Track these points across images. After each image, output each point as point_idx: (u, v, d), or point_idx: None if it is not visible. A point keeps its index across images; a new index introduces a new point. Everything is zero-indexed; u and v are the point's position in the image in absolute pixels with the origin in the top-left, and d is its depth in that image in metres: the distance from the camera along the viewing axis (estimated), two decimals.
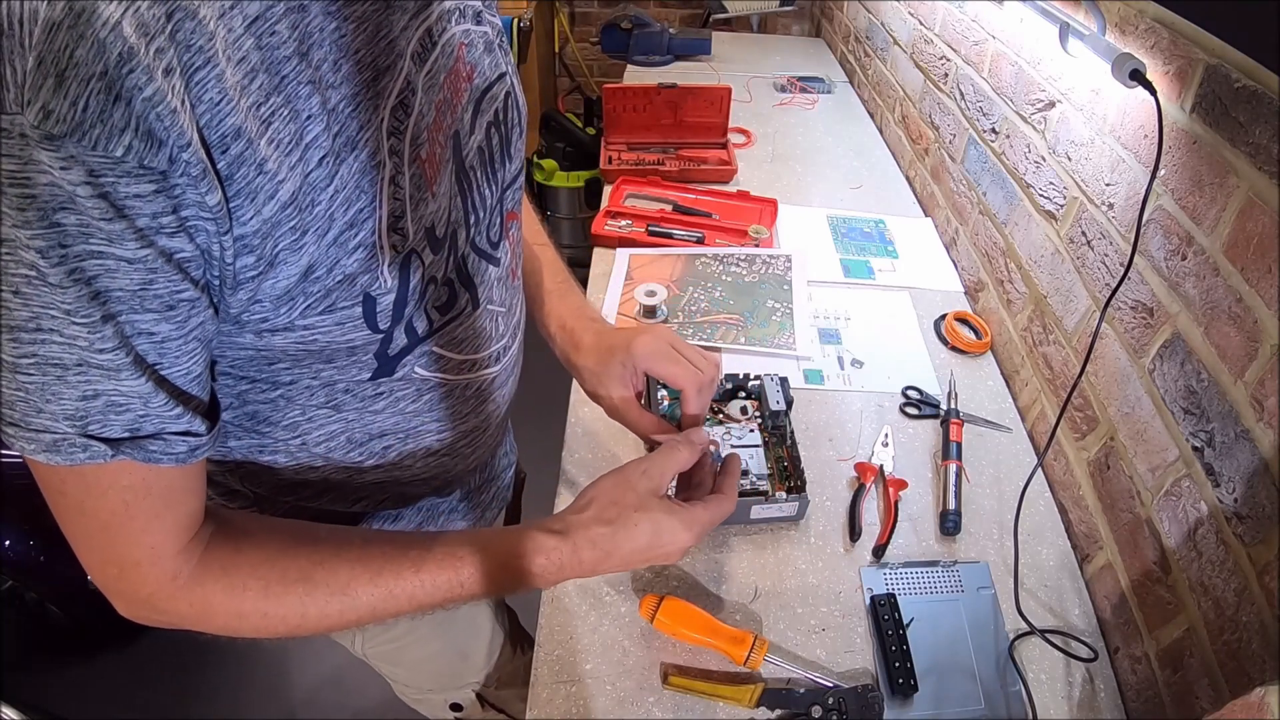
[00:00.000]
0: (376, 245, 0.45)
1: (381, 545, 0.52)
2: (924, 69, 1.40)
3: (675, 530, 0.56)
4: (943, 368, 1.02)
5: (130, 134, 0.32)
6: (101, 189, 0.32)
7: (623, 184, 1.36)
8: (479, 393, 0.62)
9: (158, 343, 0.37)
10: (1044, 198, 0.95)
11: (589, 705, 0.65)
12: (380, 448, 0.58)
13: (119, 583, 0.45)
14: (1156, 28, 0.72)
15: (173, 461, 0.41)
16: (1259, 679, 0.54)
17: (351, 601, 0.50)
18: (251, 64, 0.36)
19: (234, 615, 0.48)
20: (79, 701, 1.49)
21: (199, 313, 0.39)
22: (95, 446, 0.38)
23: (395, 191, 0.45)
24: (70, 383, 0.36)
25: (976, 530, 0.82)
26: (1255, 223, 0.59)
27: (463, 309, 0.56)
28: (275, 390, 0.51)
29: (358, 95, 0.42)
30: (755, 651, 0.66)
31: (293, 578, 0.48)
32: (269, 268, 0.40)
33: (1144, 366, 0.73)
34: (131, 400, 0.38)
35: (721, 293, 1.11)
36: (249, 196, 0.37)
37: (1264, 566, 0.56)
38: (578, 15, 2.74)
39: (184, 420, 0.40)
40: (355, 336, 0.48)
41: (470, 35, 0.53)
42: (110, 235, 0.34)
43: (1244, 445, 0.59)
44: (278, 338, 0.45)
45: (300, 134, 0.39)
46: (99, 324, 0.35)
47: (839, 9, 2.01)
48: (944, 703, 0.67)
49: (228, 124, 0.35)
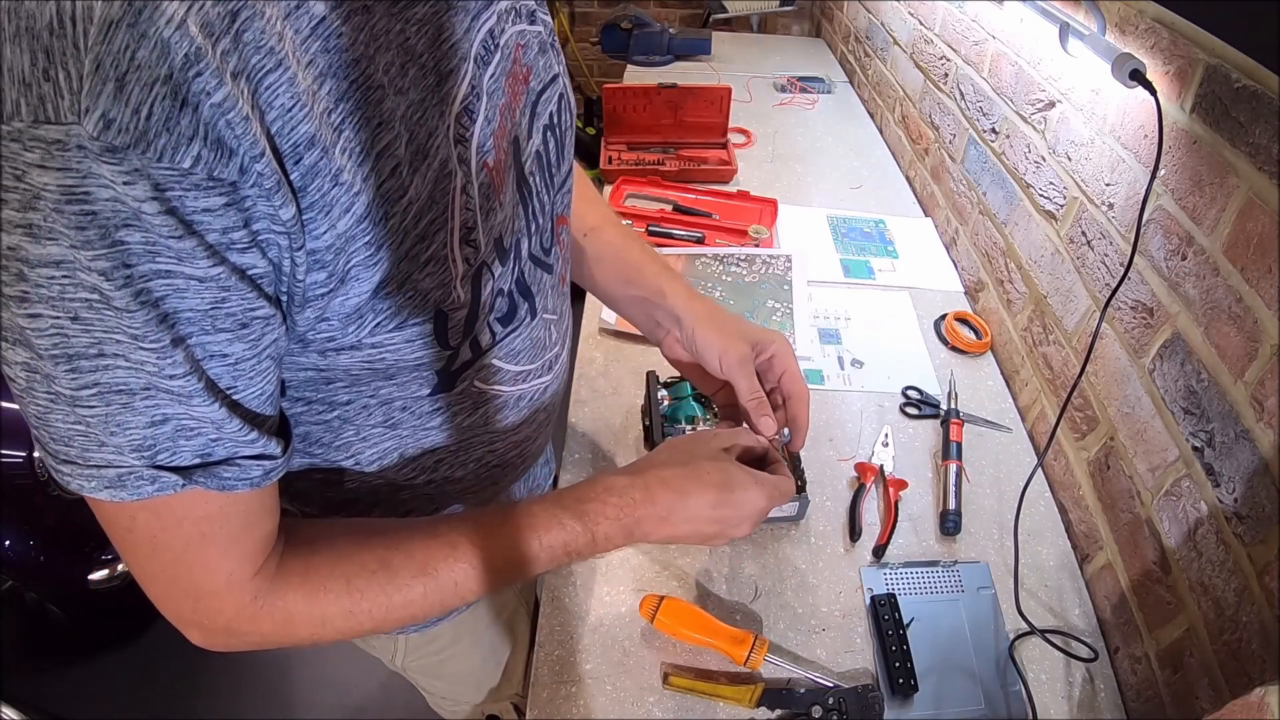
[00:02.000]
0: (449, 259, 0.43)
1: (452, 520, 0.51)
2: (924, 69, 1.40)
3: (747, 484, 0.55)
4: (943, 368, 1.02)
5: (199, 143, 0.30)
6: (169, 204, 0.30)
7: (623, 184, 1.36)
8: (531, 402, 0.60)
9: (231, 365, 0.35)
10: (1044, 198, 0.95)
11: (589, 705, 0.65)
12: (433, 461, 0.56)
13: (195, 614, 0.43)
14: (1156, 28, 0.72)
15: (248, 487, 0.39)
16: (1259, 679, 0.54)
17: (434, 581, 0.48)
18: (320, 68, 0.34)
19: (318, 621, 0.46)
20: (79, 701, 1.49)
21: (273, 329, 0.37)
22: (165, 477, 0.36)
23: (466, 202, 0.43)
24: (137, 409, 0.34)
25: (976, 530, 0.82)
26: (1255, 223, 0.59)
27: (522, 320, 0.54)
28: (332, 411, 0.49)
29: (424, 101, 0.40)
30: (755, 651, 0.66)
31: (372, 568, 0.46)
32: (340, 284, 0.38)
33: (1144, 366, 0.73)
34: (203, 425, 0.36)
35: (721, 293, 1.11)
36: (324, 210, 0.35)
37: (1264, 566, 0.56)
38: (578, 15, 2.74)
39: (259, 444, 0.38)
40: (424, 354, 0.46)
41: (525, 36, 0.51)
42: (179, 253, 0.31)
43: (1244, 445, 0.59)
44: (343, 357, 0.43)
45: (372, 142, 0.37)
46: (169, 348, 0.33)
47: (839, 9, 2.01)
48: (944, 703, 0.67)
49: (301, 132, 0.33)
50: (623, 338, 1.02)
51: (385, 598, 0.46)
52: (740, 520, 0.56)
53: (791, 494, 0.60)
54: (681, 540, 0.57)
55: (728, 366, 0.65)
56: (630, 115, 1.47)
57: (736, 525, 0.56)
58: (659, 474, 0.55)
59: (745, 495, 0.55)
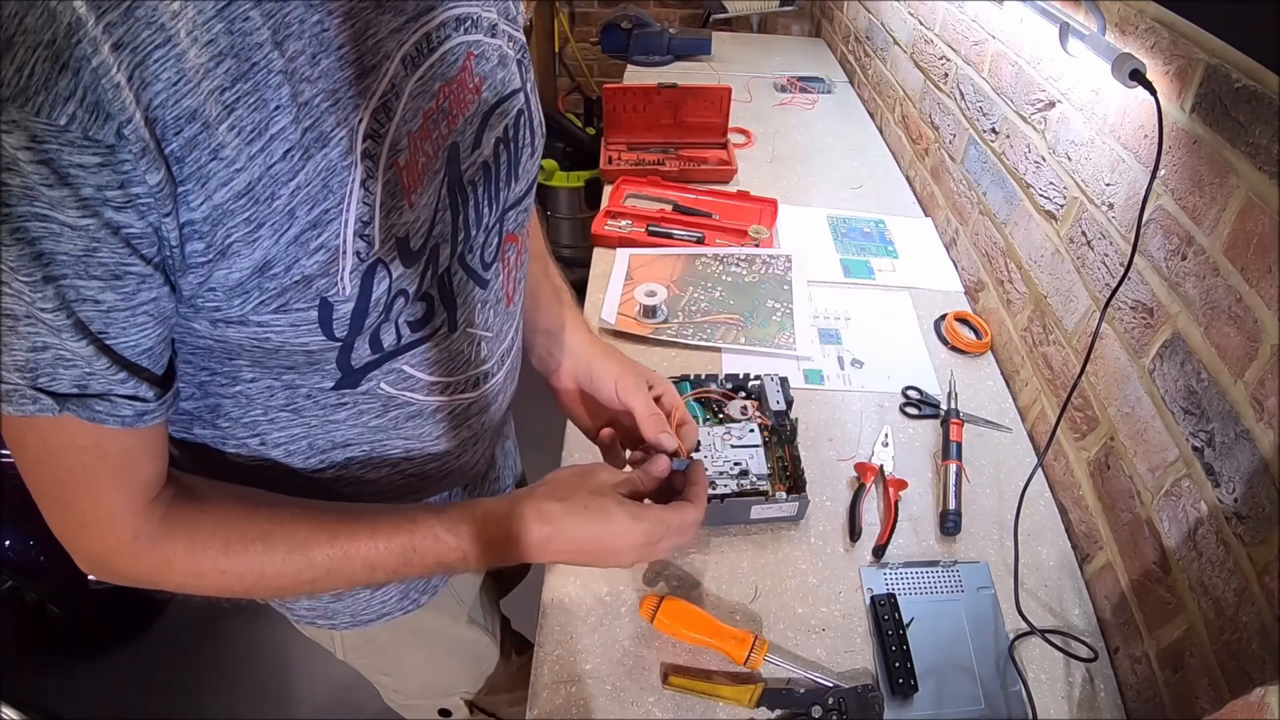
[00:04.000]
0: (339, 249, 0.43)
1: (340, 511, 0.53)
2: (924, 69, 1.40)
3: (623, 519, 0.55)
4: (943, 368, 1.02)
5: (75, 104, 0.32)
6: (44, 154, 0.33)
7: (623, 184, 1.36)
8: (452, 417, 0.60)
9: (103, 311, 0.38)
10: (1044, 198, 0.95)
11: (589, 705, 0.65)
12: (342, 458, 0.58)
13: (79, 540, 0.46)
14: (1156, 28, 0.72)
15: (118, 424, 0.41)
16: (1259, 679, 0.54)
17: (308, 560, 0.50)
18: (220, 47, 0.36)
19: (192, 573, 0.49)
20: (79, 701, 1.49)
21: (150, 288, 0.39)
22: (44, 400, 0.39)
23: (365, 196, 0.44)
24: (21, 334, 0.37)
25: (976, 530, 0.82)
26: (1255, 223, 0.59)
27: (437, 328, 0.54)
28: (235, 386, 0.51)
29: (336, 92, 0.41)
30: (755, 651, 0.66)
31: (251, 536, 0.49)
32: (220, 257, 0.40)
33: (1144, 366, 0.73)
34: (76, 359, 0.38)
35: (721, 293, 1.11)
36: (199, 181, 0.37)
37: (1264, 566, 0.56)
38: (578, 15, 2.74)
39: (129, 385, 0.41)
40: (310, 341, 0.47)
41: (481, 47, 0.51)
42: (52, 201, 0.34)
43: (1244, 445, 0.59)
44: (231, 330, 0.45)
45: (266, 123, 0.38)
46: (40, 284, 0.36)
47: (839, 9, 2.01)
48: (944, 703, 0.67)
49: (184, 105, 0.35)
50: (622, 338, 1.02)
51: (258, 566, 0.49)
52: (620, 551, 0.56)
53: (691, 522, 0.58)
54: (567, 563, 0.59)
55: (623, 389, 0.67)
56: (630, 115, 1.47)
57: (617, 555, 0.56)
58: (537, 506, 0.55)
59: (621, 528, 0.55)
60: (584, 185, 2.33)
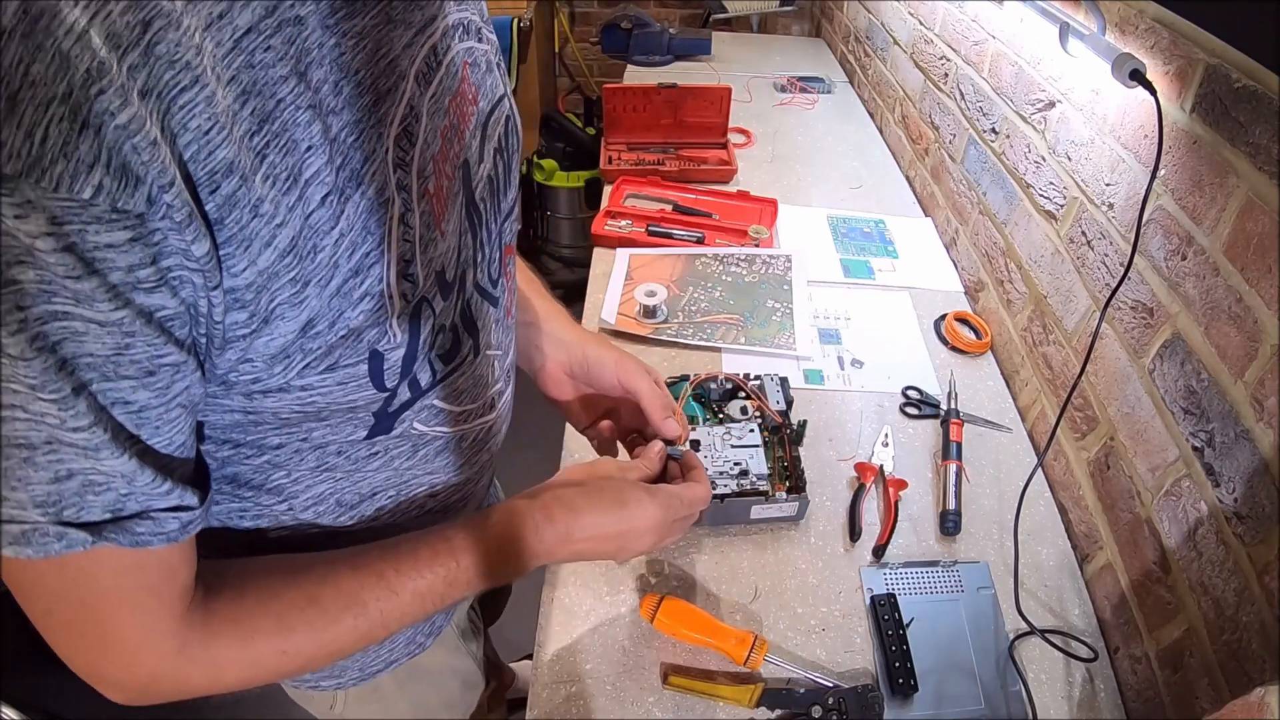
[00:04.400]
0: (385, 295, 0.39)
1: (378, 551, 0.49)
2: (924, 69, 1.40)
3: (641, 499, 0.54)
4: (943, 368, 1.02)
5: (100, 171, 0.27)
6: (66, 240, 0.27)
7: (623, 184, 1.36)
8: (474, 443, 0.58)
9: (135, 412, 0.32)
10: (1044, 198, 0.95)
11: (589, 705, 0.65)
12: (372, 509, 0.54)
13: (115, 671, 0.40)
14: (1156, 28, 0.72)
15: (164, 542, 0.36)
16: (1259, 679, 0.54)
17: (363, 610, 0.46)
18: (243, 85, 0.31)
19: (249, 665, 0.43)
20: (79, 701, 1.48)
21: (184, 377, 0.34)
22: (73, 534, 0.33)
23: (405, 232, 0.40)
24: (39, 464, 0.31)
25: (976, 530, 0.82)
26: (1255, 223, 0.59)
27: (465, 357, 0.50)
28: (261, 456, 0.46)
29: (360, 123, 0.37)
30: (755, 651, 0.66)
31: (301, 604, 0.44)
32: (263, 325, 0.35)
33: (1144, 366, 0.73)
34: (113, 479, 0.33)
35: (721, 293, 1.11)
36: (242, 244, 0.32)
37: (1264, 566, 0.56)
38: (578, 15, 2.74)
39: (174, 495, 0.35)
40: (358, 397, 0.43)
41: (474, 54, 0.48)
42: (77, 295, 0.28)
43: (1244, 445, 0.59)
44: (270, 400, 0.40)
45: (299, 168, 0.34)
46: (70, 399, 0.30)
47: (839, 9, 2.01)
48: (944, 703, 0.67)
49: (219, 157, 0.30)
50: (623, 338, 1.02)
51: (316, 634, 0.44)
52: (640, 533, 0.54)
53: (702, 498, 0.58)
54: (585, 558, 0.56)
55: (625, 373, 0.64)
56: (630, 115, 1.47)
57: (638, 538, 0.55)
58: (555, 494, 0.53)
59: (640, 509, 0.54)
60: (584, 185, 2.33)
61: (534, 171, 2.35)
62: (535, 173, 2.35)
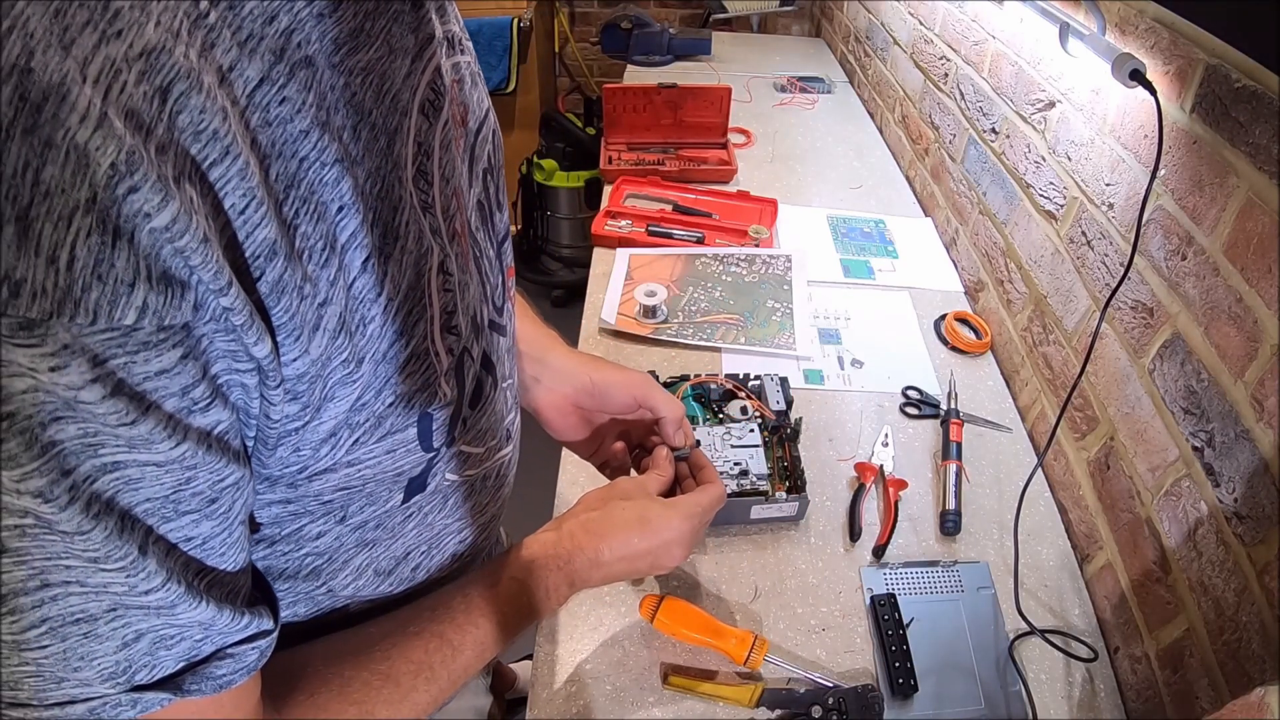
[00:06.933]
0: (431, 352, 0.36)
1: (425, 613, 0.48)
2: (924, 69, 1.40)
3: (665, 515, 0.54)
4: (943, 368, 1.02)
5: (143, 287, 0.22)
6: (113, 380, 0.23)
7: (623, 184, 1.36)
8: (496, 479, 0.55)
9: (198, 545, 0.29)
10: (1044, 198, 0.95)
11: (589, 705, 0.65)
12: (408, 570, 0.51)
13: None
14: (1156, 28, 0.72)
15: (246, 676, 0.32)
16: (1259, 679, 0.54)
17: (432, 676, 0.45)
18: (262, 147, 0.26)
19: None
20: None
21: (243, 493, 0.30)
22: (147, 697, 0.29)
23: (445, 282, 0.36)
24: (103, 636, 0.27)
25: (976, 530, 0.82)
26: (1255, 223, 0.59)
27: (487, 394, 0.47)
28: (300, 549, 0.42)
29: (380, 169, 0.32)
30: (755, 651, 0.66)
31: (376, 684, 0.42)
32: (315, 414, 0.32)
33: (1144, 366, 0.73)
34: (188, 629, 0.29)
35: (721, 293, 1.11)
36: (293, 334, 0.28)
37: (1264, 566, 0.56)
38: (578, 15, 2.74)
39: (251, 625, 0.32)
40: (405, 462, 0.40)
41: (460, 69, 0.44)
42: (132, 441, 0.24)
43: (1244, 445, 0.59)
44: (316, 483, 0.37)
45: (333, 234, 0.29)
46: (139, 560, 0.26)
47: (839, 9, 2.01)
48: (944, 703, 0.67)
49: (259, 239, 0.26)
50: (623, 338, 1.02)
51: (395, 708, 0.43)
52: (670, 545, 0.54)
53: (718, 498, 0.59)
54: (620, 578, 0.56)
55: (641, 392, 0.63)
56: (630, 115, 1.47)
57: (667, 551, 0.55)
58: (578, 520, 0.54)
59: (665, 523, 0.54)
60: (584, 185, 2.33)
61: (534, 171, 2.35)
62: (535, 173, 2.35)
